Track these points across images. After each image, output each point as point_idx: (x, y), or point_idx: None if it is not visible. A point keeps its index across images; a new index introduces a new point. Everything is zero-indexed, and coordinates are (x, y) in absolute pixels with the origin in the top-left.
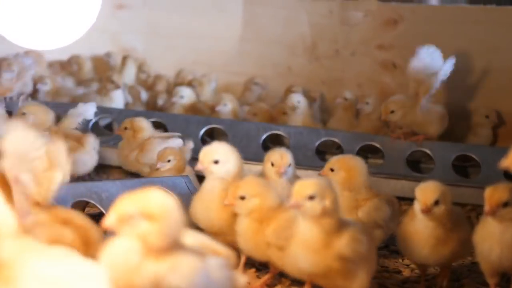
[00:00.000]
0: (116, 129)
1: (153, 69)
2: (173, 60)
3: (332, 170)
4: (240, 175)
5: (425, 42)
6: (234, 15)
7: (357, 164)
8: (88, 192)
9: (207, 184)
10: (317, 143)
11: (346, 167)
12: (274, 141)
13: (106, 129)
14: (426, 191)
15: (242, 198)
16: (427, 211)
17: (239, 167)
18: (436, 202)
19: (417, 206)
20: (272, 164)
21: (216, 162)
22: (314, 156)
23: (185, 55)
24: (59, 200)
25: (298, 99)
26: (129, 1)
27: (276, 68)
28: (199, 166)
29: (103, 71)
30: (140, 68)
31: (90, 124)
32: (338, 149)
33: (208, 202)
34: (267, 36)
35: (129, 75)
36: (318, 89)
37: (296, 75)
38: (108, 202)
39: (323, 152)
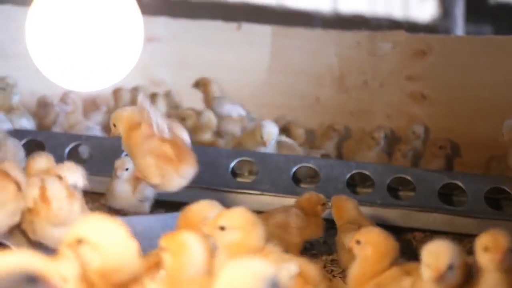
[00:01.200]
0: None
1: (181, 101)
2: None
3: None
4: None
5: (453, 73)
6: (262, 48)
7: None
8: None
9: None
10: (347, 176)
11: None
12: (305, 174)
13: None
14: (437, 254)
15: (222, 228)
16: (439, 279)
17: None
18: (450, 267)
19: (426, 273)
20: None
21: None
22: (345, 189)
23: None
24: None
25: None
26: (159, 34)
27: (304, 99)
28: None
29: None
30: (170, 102)
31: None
32: (369, 182)
33: None
34: (294, 67)
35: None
36: (346, 120)
37: (324, 106)
38: None
39: (354, 185)
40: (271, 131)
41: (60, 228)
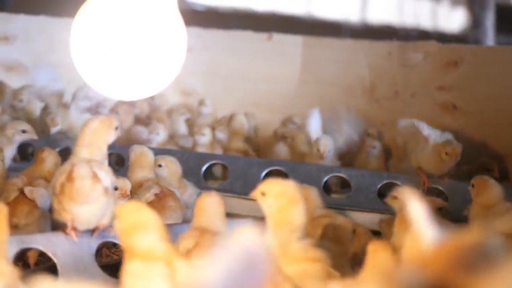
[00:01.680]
0: None
1: (213, 110)
2: (232, 102)
3: None
4: None
5: (485, 83)
6: (293, 58)
7: None
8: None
9: None
10: (379, 186)
11: None
12: (336, 184)
13: None
14: None
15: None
16: None
17: None
18: None
19: None
20: None
21: None
22: (376, 199)
23: (244, 97)
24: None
25: (375, 144)
26: (190, 44)
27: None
28: None
29: None
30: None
31: None
32: None
33: None
34: (325, 78)
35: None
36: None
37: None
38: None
39: (385, 195)
40: (326, 143)
41: (83, 206)
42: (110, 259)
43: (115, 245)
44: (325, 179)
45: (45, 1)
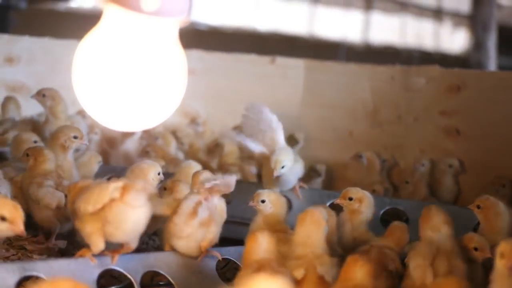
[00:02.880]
0: None
1: (215, 133)
2: (234, 124)
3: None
4: None
5: (488, 108)
6: (295, 81)
7: None
8: (158, 262)
9: None
10: (381, 212)
11: None
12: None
13: None
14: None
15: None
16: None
17: None
18: None
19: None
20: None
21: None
22: (379, 224)
23: None
24: (130, 270)
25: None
26: (192, 67)
27: (337, 133)
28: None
29: None
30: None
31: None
32: (403, 218)
33: None
34: (328, 101)
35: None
36: (380, 154)
37: (357, 140)
38: (178, 272)
39: (388, 221)
40: (278, 158)
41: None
42: None
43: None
44: (328, 203)
45: (49, 23)
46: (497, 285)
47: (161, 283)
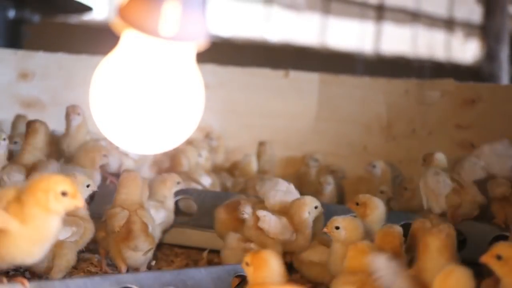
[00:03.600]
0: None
1: (229, 148)
2: (249, 138)
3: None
4: None
5: (503, 122)
6: (310, 95)
7: None
8: (174, 279)
9: None
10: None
11: None
12: None
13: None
14: None
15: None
16: None
17: None
18: None
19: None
20: None
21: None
22: None
23: (261, 134)
24: None
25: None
26: (206, 81)
27: (351, 147)
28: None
29: None
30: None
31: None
32: None
33: None
34: (342, 115)
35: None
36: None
37: (372, 154)
38: None
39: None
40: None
41: None
42: None
43: None
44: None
45: (63, 39)
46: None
47: None
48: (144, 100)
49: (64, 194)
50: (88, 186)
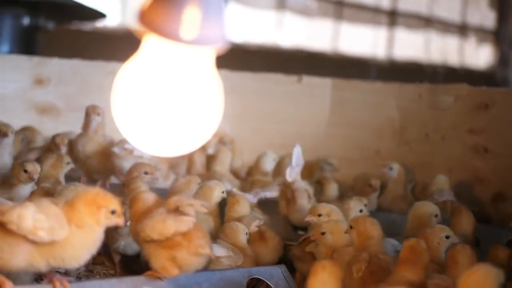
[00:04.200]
0: None
1: (243, 152)
2: (261, 144)
3: None
4: None
5: None
6: (322, 100)
7: None
8: (189, 283)
9: None
10: None
11: None
12: None
13: None
14: None
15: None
16: None
17: None
18: None
19: None
20: None
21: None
22: None
23: (272, 139)
24: None
25: None
26: None
27: (364, 151)
28: None
29: None
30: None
31: None
32: None
33: None
34: (355, 120)
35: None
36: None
37: (384, 158)
38: None
39: None
40: None
41: None
42: None
43: None
44: None
45: (78, 45)
46: None
47: None
48: (165, 104)
49: (113, 212)
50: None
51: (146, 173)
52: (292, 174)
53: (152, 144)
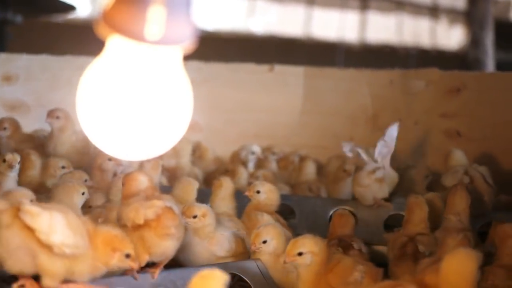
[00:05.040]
0: None
1: (214, 144)
2: (235, 134)
3: None
4: None
5: (488, 110)
6: (295, 89)
7: None
8: (164, 280)
9: None
10: (385, 218)
11: None
12: None
13: None
14: None
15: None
16: None
17: None
18: None
19: None
20: None
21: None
22: (381, 231)
23: (246, 129)
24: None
25: None
26: (191, 78)
27: (338, 139)
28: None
29: None
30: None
31: None
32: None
33: None
34: (328, 108)
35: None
36: None
37: (358, 145)
38: None
39: (391, 226)
40: None
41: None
42: None
43: None
44: (331, 212)
45: (47, 40)
46: None
47: None
48: (131, 106)
49: (127, 256)
50: (83, 193)
51: (110, 159)
52: (382, 152)
53: (119, 148)
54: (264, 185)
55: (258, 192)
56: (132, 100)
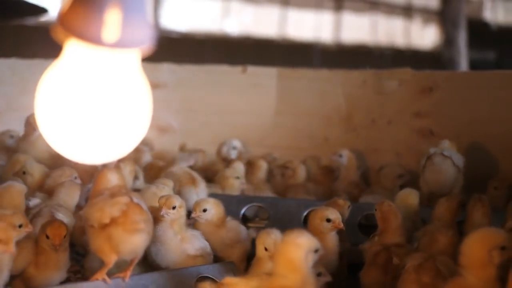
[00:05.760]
0: None
1: (189, 146)
2: (209, 136)
3: None
4: None
5: (461, 109)
6: (268, 90)
7: None
8: (136, 285)
9: None
10: (359, 218)
11: None
12: None
13: None
14: None
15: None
16: None
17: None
18: None
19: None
20: None
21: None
22: (357, 231)
23: (221, 131)
24: None
25: None
26: (164, 80)
27: (312, 140)
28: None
29: None
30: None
31: None
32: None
33: None
34: (302, 108)
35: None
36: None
37: (333, 146)
38: None
39: (366, 226)
40: None
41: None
42: None
43: None
44: (305, 213)
45: (16, 43)
46: None
47: None
48: (88, 110)
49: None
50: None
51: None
52: None
53: (77, 151)
54: (208, 201)
55: (204, 210)
56: (89, 104)
